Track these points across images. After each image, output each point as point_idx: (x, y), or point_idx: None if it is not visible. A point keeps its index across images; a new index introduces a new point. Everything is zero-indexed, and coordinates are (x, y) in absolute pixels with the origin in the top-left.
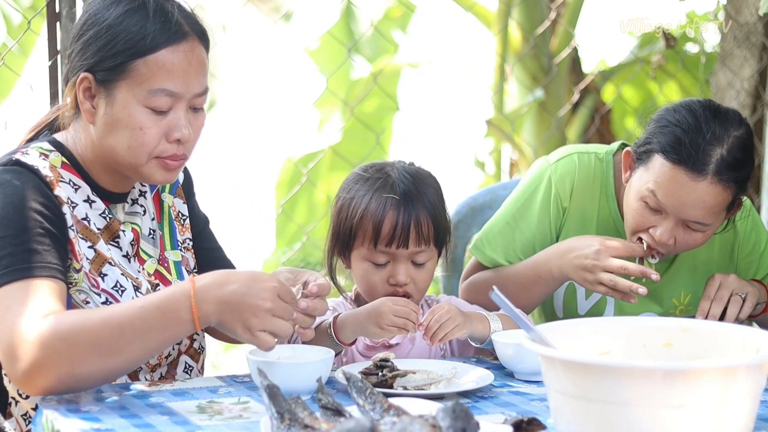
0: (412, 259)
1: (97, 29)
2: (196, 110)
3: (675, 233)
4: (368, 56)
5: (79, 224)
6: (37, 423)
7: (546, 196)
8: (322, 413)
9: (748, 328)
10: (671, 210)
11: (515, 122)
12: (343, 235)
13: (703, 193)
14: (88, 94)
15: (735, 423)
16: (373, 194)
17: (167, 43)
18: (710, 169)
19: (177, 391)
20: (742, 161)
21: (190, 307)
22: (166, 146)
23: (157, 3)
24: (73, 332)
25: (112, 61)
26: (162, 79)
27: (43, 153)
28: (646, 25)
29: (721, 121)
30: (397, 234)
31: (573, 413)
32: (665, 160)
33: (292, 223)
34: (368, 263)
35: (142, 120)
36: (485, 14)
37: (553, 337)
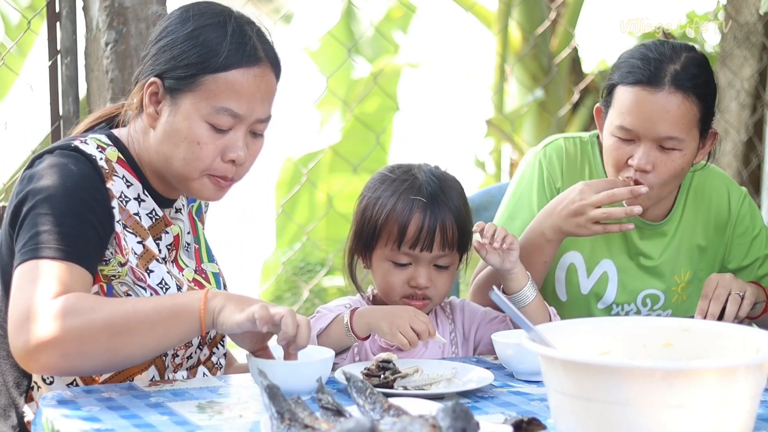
0: (434, 263)
1: (174, 37)
2: (256, 135)
3: (652, 157)
4: (369, 57)
5: (130, 219)
6: (37, 423)
7: (540, 181)
8: (322, 413)
9: (748, 328)
10: (641, 131)
11: (515, 122)
12: (366, 234)
13: (665, 103)
14: (154, 99)
15: (735, 423)
16: (400, 195)
17: (239, 65)
18: (666, 80)
19: (177, 391)
20: (697, 74)
21: (201, 299)
22: (220, 165)
23: (237, 24)
24: (87, 310)
25: (183, 72)
26: (227, 99)
27: (100, 145)
28: (646, 25)
29: (671, 46)
30: (422, 237)
31: (573, 413)
32: (625, 86)
33: (292, 223)
34: (390, 263)
35: (201, 134)
36: (485, 14)
37: (553, 337)
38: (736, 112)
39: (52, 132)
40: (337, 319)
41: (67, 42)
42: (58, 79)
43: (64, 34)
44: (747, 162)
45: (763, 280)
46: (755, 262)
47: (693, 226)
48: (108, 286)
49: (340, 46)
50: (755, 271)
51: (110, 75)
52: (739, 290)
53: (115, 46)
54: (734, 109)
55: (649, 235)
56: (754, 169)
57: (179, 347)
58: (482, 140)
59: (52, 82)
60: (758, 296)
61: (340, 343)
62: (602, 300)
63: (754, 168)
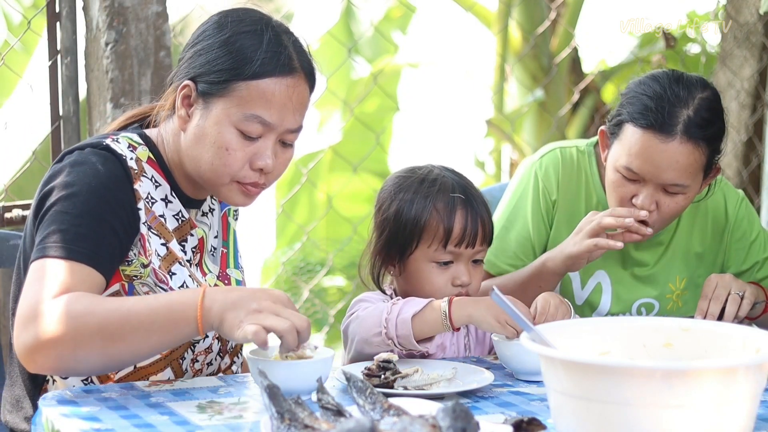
0: (473, 258)
1: (210, 42)
2: (286, 145)
3: (656, 198)
4: (368, 56)
5: (155, 221)
6: (37, 423)
7: (535, 192)
8: (322, 413)
9: (748, 328)
10: (647, 176)
11: (515, 122)
12: (403, 238)
13: (675, 153)
14: (187, 102)
15: (735, 423)
16: (437, 195)
17: (273, 73)
18: (678, 129)
19: (177, 391)
20: (710, 120)
21: (197, 304)
22: (249, 173)
23: (274, 32)
24: (81, 314)
25: (217, 77)
26: (259, 107)
27: (132, 144)
28: (646, 25)
29: (685, 86)
30: (467, 234)
31: (573, 413)
32: (635, 127)
33: (292, 223)
34: (433, 264)
35: (230, 140)
36: (485, 14)
37: (553, 337)
38: (736, 112)
39: (52, 132)
40: (432, 306)
41: (67, 42)
42: (58, 79)
43: (64, 34)
44: (747, 162)
45: (762, 282)
46: (754, 266)
47: (689, 233)
48: (129, 285)
49: (340, 46)
50: (754, 275)
51: (110, 75)
52: (739, 290)
53: (115, 46)
54: (734, 109)
55: (645, 246)
56: (754, 169)
57: (199, 352)
58: (482, 140)
59: (52, 82)
60: (758, 296)
61: (431, 329)
62: (597, 311)
63: (754, 168)
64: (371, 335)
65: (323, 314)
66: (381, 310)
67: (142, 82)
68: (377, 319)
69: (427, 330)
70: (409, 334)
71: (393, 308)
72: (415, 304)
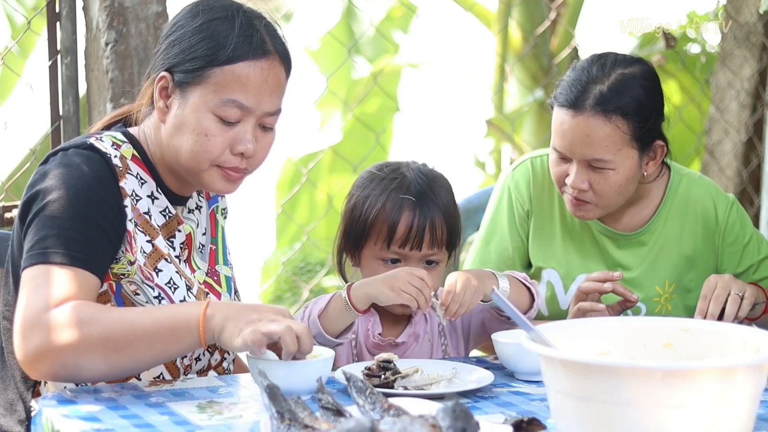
0: (424, 260)
1: (183, 32)
2: (266, 129)
3: (585, 177)
4: (369, 57)
5: (140, 218)
6: (37, 423)
7: (509, 204)
8: (322, 413)
9: (748, 328)
10: (567, 153)
11: (515, 122)
12: (355, 233)
13: (584, 127)
14: (164, 94)
15: (735, 423)
16: (389, 194)
17: (247, 57)
18: (587, 103)
19: (177, 391)
20: (622, 92)
21: (200, 315)
22: (229, 157)
23: (246, 17)
24: (85, 322)
25: (191, 65)
26: (235, 91)
27: (116, 142)
28: (646, 25)
29: (602, 65)
30: (411, 236)
31: (573, 413)
32: (556, 107)
33: (292, 223)
34: (379, 262)
35: (209, 126)
36: (485, 14)
37: (553, 337)
38: (736, 112)
39: (52, 132)
40: (335, 297)
41: (67, 42)
42: (58, 79)
43: (64, 34)
44: (747, 162)
45: (760, 283)
46: (749, 268)
47: (678, 237)
48: (117, 284)
49: (341, 46)
50: (750, 277)
51: (110, 75)
52: (739, 290)
53: (115, 46)
54: (734, 109)
55: (625, 245)
56: (754, 169)
57: None
58: (482, 140)
59: (52, 82)
60: (758, 297)
61: (340, 320)
62: None
63: (754, 168)
64: None
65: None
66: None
67: (142, 82)
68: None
69: (336, 322)
70: (320, 333)
71: (305, 312)
72: (323, 301)
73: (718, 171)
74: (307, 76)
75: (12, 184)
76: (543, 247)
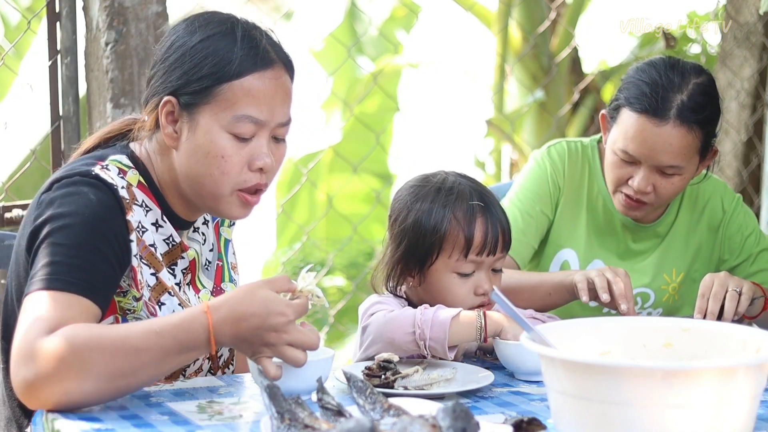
0: (492, 266)
1: (182, 52)
2: (278, 140)
3: (652, 180)
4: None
5: (145, 250)
6: (37, 423)
7: (544, 175)
8: (322, 413)
9: (748, 328)
10: (643, 158)
11: (515, 122)
12: (423, 249)
13: (669, 137)
14: (171, 119)
15: (735, 423)
16: (455, 204)
17: (254, 69)
18: (672, 113)
19: (177, 391)
20: (703, 104)
21: (208, 340)
22: (249, 175)
23: (245, 29)
24: (87, 349)
25: (198, 85)
26: (247, 105)
27: (122, 169)
28: (646, 25)
29: (680, 71)
30: (488, 241)
31: (573, 413)
32: (631, 111)
33: (292, 223)
34: (454, 275)
35: (225, 146)
36: (485, 14)
37: (553, 337)
38: (736, 112)
39: (52, 132)
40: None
41: (67, 42)
42: (58, 79)
43: (64, 34)
44: (747, 162)
45: (755, 276)
46: (748, 258)
47: (687, 229)
48: (123, 319)
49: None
50: (747, 268)
51: (110, 75)
52: (736, 287)
53: (115, 46)
54: (734, 109)
55: (642, 237)
56: (754, 169)
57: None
58: (482, 140)
59: (52, 82)
60: (755, 292)
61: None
62: None
63: (754, 168)
64: (401, 335)
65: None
66: (413, 312)
67: (142, 82)
68: (408, 320)
69: (460, 335)
70: (445, 338)
71: (425, 312)
72: (448, 310)
73: (718, 171)
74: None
75: (12, 184)
76: (567, 226)
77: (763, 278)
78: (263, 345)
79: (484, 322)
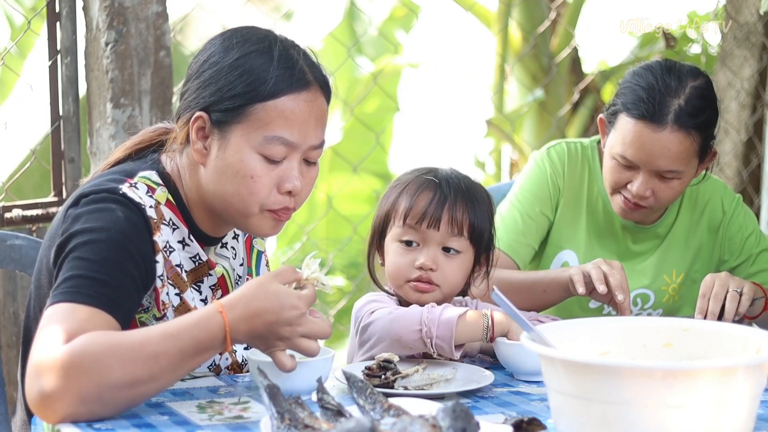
0: (443, 245)
1: (218, 69)
2: (310, 163)
3: (651, 185)
4: (372, 57)
5: (171, 270)
6: (37, 423)
7: (543, 176)
8: (322, 413)
9: (749, 328)
10: (641, 163)
11: (515, 122)
12: (379, 221)
13: (667, 142)
14: (202, 134)
15: (735, 423)
16: (415, 179)
17: (289, 90)
18: (669, 119)
19: (177, 391)
20: (701, 108)
21: (224, 339)
22: (277, 197)
23: (283, 48)
24: (105, 356)
25: (231, 103)
26: (279, 127)
27: (150, 187)
28: (647, 25)
29: (676, 75)
30: (429, 212)
31: (573, 413)
32: (629, 117)
33: (292, 223)
34: (398, 244)
35: (255, 167)
36: (485, 14)
37: (553, 337)
38: (736, 112)
39: (52, 132)
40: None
41: (67, 42)
42: (58, 79)
43: (64, 34)
44: (747, 162)
45: (755, 276)
46: (748, 259)
47: (687, 230)
48: None
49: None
50: (747, 269)
51: (110, 75)
52: (737, 287)
53: (115, 46)
54: (734, 109)
55: (642, 238)
56: (754, 169)
57: None
58: (482, 140)
59: (52, 82)
60: (756, 293)
61: (472, 335)
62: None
63: (754, 168)
64: (407, 333)
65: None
66: (420, 310)
67: (142, 82)
68: (415, 318)
69: (467, 334)
70: (451, 336)
71: (432, 310)
72: (455, 309)
73: (718, 171)
74: None
75: (12, 184)
76: (567, 227)
77: (764, 279)
78: (277, 339)
79: (491, 322)
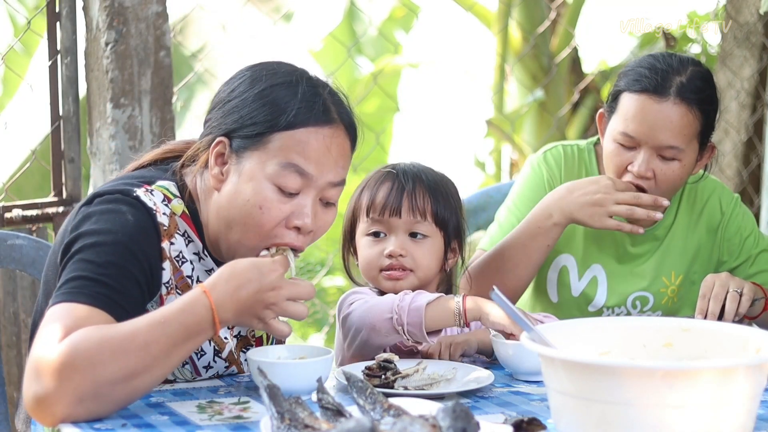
0: (409, 231)
1: (243, 98)
2: (328, 204)
3: (652, 164)
4: (372, 57)
5: (182, 281)
6: (37, 423)
7: (540, 180)
8: (322, 413)
9: (748, 328)
10: (643, 138)
11: (515, 122)
12: (348, 221)
13: (669, 113)
14: (221, 160)
15: (735, 423)
16: (374, 174)
17: (309, 123)
18: (672, 91)
19: (177, 391)
20: (702, 87)
21: (212, 320)
22: (282, 231)
23: (310, 84)
24: (97, 351)
25: (250, 130)
26: (294, 155)
27: (167, 196)
28: (646, 25)
29: (677, 58)
30: (389, 201)
31: (573, 413)
32: (631, 93)
33: None
34: (366, 237)
35: (266, 197)
36: (485, 14)
37: (553, 337)
38: (736, 112)
39: (52, 132)
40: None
41: (67, 42)
42: (58, 79)
43: (64, 34)
44: (747, 162)
45: (754, 277)
46: (747, 260)
47: (686, 231)
48: None
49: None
50: (747, 270)
51: (110, 75)
52: (737, 287)
53: (115, 46)
54: (734, 109)
55: (640, 240)
56: (754, 169)
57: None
58: (482, 140)
59: (52, 81)
60: (756, 293)
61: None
62: (592, 303)
63: (754, 168)
64: (380, 321)
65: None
66: (392, 299)
67: (142, 82)
68: (387, 306)
69: (438, 320)
70: (421, 323)
71: (405, 297)
72: (427, 295)
73: (718, 171)
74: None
75: (12, 184)
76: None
77: (763, 279)
78: (265, 308)
79: (462, 306)
